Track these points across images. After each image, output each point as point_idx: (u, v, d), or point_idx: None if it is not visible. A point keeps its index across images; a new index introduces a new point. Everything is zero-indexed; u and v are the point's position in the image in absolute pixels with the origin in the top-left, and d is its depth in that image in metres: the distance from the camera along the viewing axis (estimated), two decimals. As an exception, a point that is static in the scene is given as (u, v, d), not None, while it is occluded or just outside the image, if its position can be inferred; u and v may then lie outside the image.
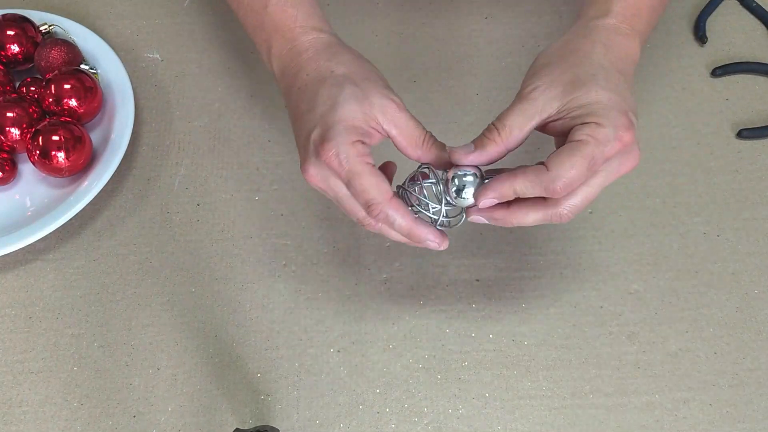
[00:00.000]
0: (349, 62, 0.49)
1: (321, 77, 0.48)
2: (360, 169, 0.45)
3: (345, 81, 0.47)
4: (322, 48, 0.50)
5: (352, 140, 0.45)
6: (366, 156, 0.46)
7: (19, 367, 0.56)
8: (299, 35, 0.51)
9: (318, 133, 0.46)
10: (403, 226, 0.47)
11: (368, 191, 0.45)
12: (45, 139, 0.60)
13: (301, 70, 0.50)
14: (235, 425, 0.53)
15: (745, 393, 0.54)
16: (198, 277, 0.60)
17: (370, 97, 0.46)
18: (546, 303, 0.58)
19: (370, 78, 0.48)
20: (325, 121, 0.46)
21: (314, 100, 0.47)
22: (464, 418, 0.54)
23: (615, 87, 0.45)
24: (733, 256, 0.60)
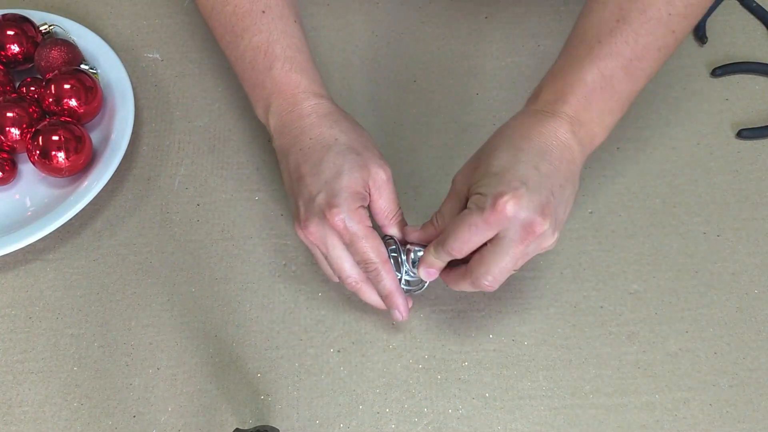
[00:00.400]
0: (350, 131, 0.54)
1: (326, 144, 0.52)
2: (363, 234, 0.51)
3: (348, 150, 0.52)
4: (324, 114, 0.54)
5: (356, 206, 0.50)
6: (367, 220, 0.51)
7: (19, 367, 0.56)
8: (302, 100, 0.55)
9: (324, 198, 0.50)
10: (388, 287, 0.52)
11: (368, 253, 0.51)
12: (45, 139, 0.60)
13: (303, 134, 0.54)
14: (235, 425, 0.53)
15: (745, 393, 0.54)
16: (198, 277, 0.60)
17: (368, 166, 0.52)
18: (546, 303, 0.58)
19: (368, 147, 0.54)
20: (332, 187, 0.50)
21: (319, 166, 0.51)
22: (464, 418, 0.54)
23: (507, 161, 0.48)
24: (733, 256, 0.60)
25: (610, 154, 0.65)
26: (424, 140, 0.66)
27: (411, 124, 0.67)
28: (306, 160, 0.52)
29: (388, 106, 0.68)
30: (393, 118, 0.67)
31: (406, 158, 0.65)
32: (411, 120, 0.67)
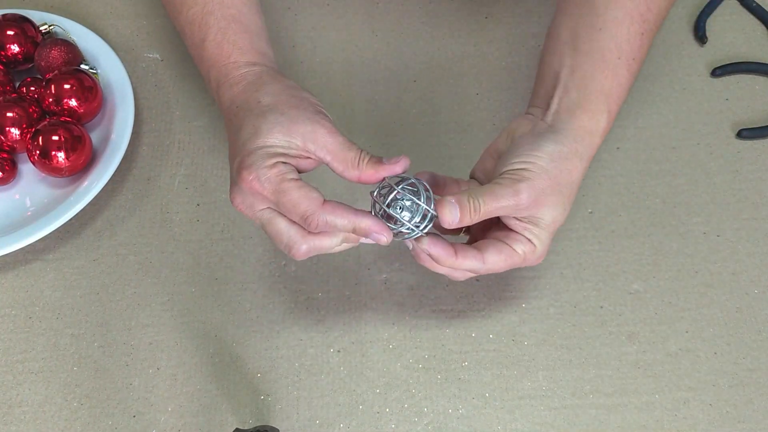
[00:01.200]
0: (278, 92, 0.50)
1: (248, 108, 0.49)
2: (284, 186, 0.45)
3: (269, 111, 0.48)
4: (252, 80, 0.51)
5: (272, 162, 0.46)
6: (287, 173, 0.46)
7: (19, 367, 0.56)
8: (232, 70, 0.52)
9: (239, 161, 0.47)
10: (346, 224, 0.46)
11: (299, 204, 0.45)
12: (45, 139, 0.60)
13: (232, 103, 0.51)
14: (235, 425, 0.53)
15: (745, 393, 0.54)
16: (198, 277, 0.60)
17: (296, 124, 0.47)
18: (546, 303, 0.58)
19: (299, 106, 0.48)
20: (246, 148, 0.47)
21: (239, 131, 0.48)
22: (464, 418, 0.54)
23: (563, 210, 0.49)
24: (733, 256, 0.60)
25: (610, 154, 0.65)
26: (424, 140, 0.66)
27: (411, 124, 0.67)
28: (231, 128, 0.50)
29: (388, 106, 0.68)
30: (393, 118, 0.67)
31: (406, 158, 0.65)
32: (411, 120, 0.67)
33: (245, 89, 0.51)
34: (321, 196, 0.46)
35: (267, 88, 0.50)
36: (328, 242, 0.48)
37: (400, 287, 0.59)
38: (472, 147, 0.65)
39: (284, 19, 0.73)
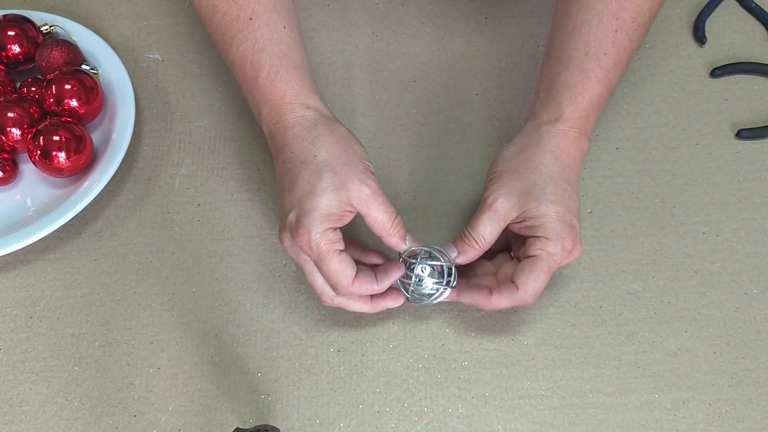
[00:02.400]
0: (332, 146, 0.52)
1: (304, 160, 0.52)
2: (328, 257, 0.50)
3: (325, 169, 0.51)
4: (308, 127, 0.53)
5: (324, 228, 0.50)
6: (335, 243, 0.50)
7: (20, 366, 0.56)
8: (287, 112, 0.54)
9: (294, 216, 0.50)
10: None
11: (334, 276, 0.50)
12: (46, 140, 0.60)
13: (286, 146, 0.53)
14: (236, 424, 0.54)
15: (745, 392, 0.54)
16: (198, 277, 0.60)
17: (347, 185, 0.50)
18: (545, 303, 0.58)
19: (350, 164, 0.52)
20: (302, 206, 0.50)
21: (295, 182, 0.51)
22: (464, 418, 0.54)
23: (561, 198, 0.51)
24: (732, 256, 0.60)
25: (610, 154, 0.65)
26: (424, 140, 0.66)
27: (411, 124, 0.67)
28: (285, 175, 0.52)
29: (388, 106, 0.68)
30: (393, 118, 0.67)
31: (406, 158, 0.65)
32: (411, 120, 0.67)
33: (300, 136, 0.53)
34: (354, 272, 0.51)
35: (322, 141, 0.52)
36: (358, 305, 0.54)
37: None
38: (472, 147, 0.66)
39: (284, 20, 0.73)
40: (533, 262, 0.50)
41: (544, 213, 0.50)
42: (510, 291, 0.51)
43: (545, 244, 0.50)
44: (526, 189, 0.51)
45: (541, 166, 0.52)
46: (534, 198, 0.51)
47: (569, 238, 0.50)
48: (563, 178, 0.52)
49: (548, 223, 0.50)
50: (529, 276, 0.50)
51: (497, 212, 0.51)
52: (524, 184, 0.51)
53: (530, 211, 0.51)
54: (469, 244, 0.52)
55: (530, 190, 0.51)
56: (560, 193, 0.51)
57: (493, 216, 0.51)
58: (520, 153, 0.53)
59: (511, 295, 0.51)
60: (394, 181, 0.64)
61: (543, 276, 0.50)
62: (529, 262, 0.51)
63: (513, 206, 0.51)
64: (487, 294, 0.52)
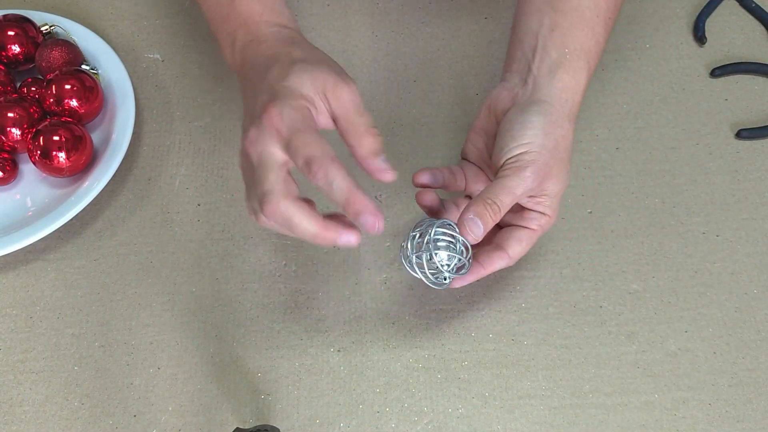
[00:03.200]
0: (310, 50, 0.49)
1: (277, 59, 0.48)
2: (304, 126, 0.44)
3: (299, 60, 0.47)
4: (282, 38, 0.51)
5: (299, 103, 0.45)
6: (311, 118, 0.45)
7: (20, 366, 0.56)
8: (262, 28, 0.51)
9: (265, 98, 0.45)
10: (343, 187, 0.43)
11: (310, 145, 0.43)
12: (46, 139, 0.60)
13: (260, 57, 0.49)
14: (236, 424, 0.54)
15: (745, 392, 0.54)
16: (198, 277, 0.60)
17: (324, 74, 0.46)
18: (545, 302, 0.58)
19: (329, 63, 0.48)
20: (274, 86, 0.46)
21: (266, 73, 0.47)
22: (464, 418, 0.54)
23: (567, 174, 0.52)
24: (732, 256, 0.60)
25: (609, 154, 0.65)
26: (424, 140, 0.66)
27: (411, 124, 0.67)
28: (255, 73, 0.49)
29: (388, 106, 0.68)
30: (393, 118, 0.67)
31: (406, 158, 0.65)
32: (411, 120, 0.67)
33: (276, 45, 0.50)
34: (333, 151, 0.44)
35: (299, 46, 0.50)
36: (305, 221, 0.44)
37: (400, 287, 0.59)
38: (472, 147, 0.66)
39: (284, 20, 0.73)
40: (531, 235, 0.52)
41: (554, 192, 0.51)
42: (501, 258, 0.52)
43: (545, 221, 0.52)
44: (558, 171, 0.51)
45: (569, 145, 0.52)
46: (559, 180, 0.51)
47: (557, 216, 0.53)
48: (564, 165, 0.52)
49: (554, 204, 0.52)
50: (523, 246, 0.52)
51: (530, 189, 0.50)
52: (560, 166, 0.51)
53: (550, 190, 0.51)
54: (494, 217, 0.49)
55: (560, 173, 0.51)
56: (567, 172, 0.52)
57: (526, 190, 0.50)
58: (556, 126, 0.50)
59: (501, 261, 0.52)
60: (394, 182, 0.64)
61: (531, 245, 0.52)
62: (527, 234, 0.52)
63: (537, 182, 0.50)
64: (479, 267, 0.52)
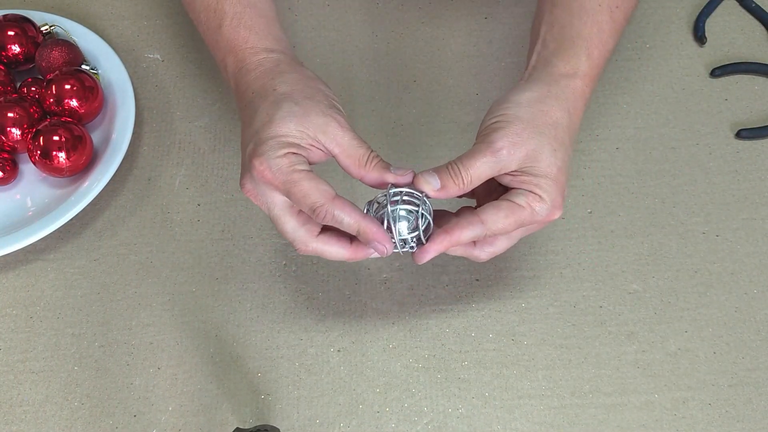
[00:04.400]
0: (294, 81, 0.49)
1: (263, 95, 0.49)
2: (295, 177, 0.45)
3: (284, 99, 0.47)
4: (270, 67, 0.51)
5: (283, 152, 0.46)
6: (298, 165, 0.46)
7: (20, 366, 0.56)
8: (249, 56, 0.52)
9: (251, 148, 0.47)
10: (351, 224, 0.46)
11: (309, 195, 0.45)
12: (46, 139, 0.60)
13: (248, 89, 0.50)
14: (236, 424, 0.54)
15: (744, 392, 0.54)
16: (198, 277, 0.60)
17: (309, 115, 0.47)
18: (545, 302, 0.58)
19: (314, 97, 0.48)
20: (260, 136, 0.46)
21: (253, 117, 0.48)
22: (464, 418, 0.54)
23: (563, 163, 0.48)
24: (732, 256, 0.60)
25: (610, 154, 0.65)
26: (424, 140, 0.66)
27: (411, 124, 0.67)
28: (246, 115, 0.49)
29: (388, 106, 0.68)
30: (393, 118, 0.67)
31: (406, 158, 0.65)
32: (411, 120, 0.67)
33: (262, 76, 0.50)
34: (332, 189, 0.46)
35: (284, 77, 0.49)
36: (335, 250, 0.49)
37: (400, 287, 0.59)
38: (472, 147, 0.66)
39: (285, 20, 0.73)
40: (514, 208, 0.47)
41: (546, 173, 0.47)
42: (471, 223, 0.47)
43: (533, 200, 0.47)
44: (538, 146, 0.47)
45: (558, 126, 0.48)
46: (543, 158, 0.47)
47: (558, 209, 0.48)
48: (570, 143, 0.49)
49: (548, 187, 0.47)
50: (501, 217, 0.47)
51: (500, 161, 0.47)
52: (537, 141, 0.47)
53: (534, 169, 0.47)
54: (455, 181, 0.47)
55: (541, 149, 0.47)
56: (566, 159, 0.49)
57: (493, 162, 0.47)
58: (537, 103, 0.49)
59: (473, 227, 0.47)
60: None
61: (513, 225, 0.47)
62: (509, 206, 0.47)
63: (517, 158, 0.47)
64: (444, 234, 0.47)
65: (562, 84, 0.50)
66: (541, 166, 0.47)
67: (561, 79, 0.50)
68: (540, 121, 0.48)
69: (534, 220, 0.48)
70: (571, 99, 0.50)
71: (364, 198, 0.51)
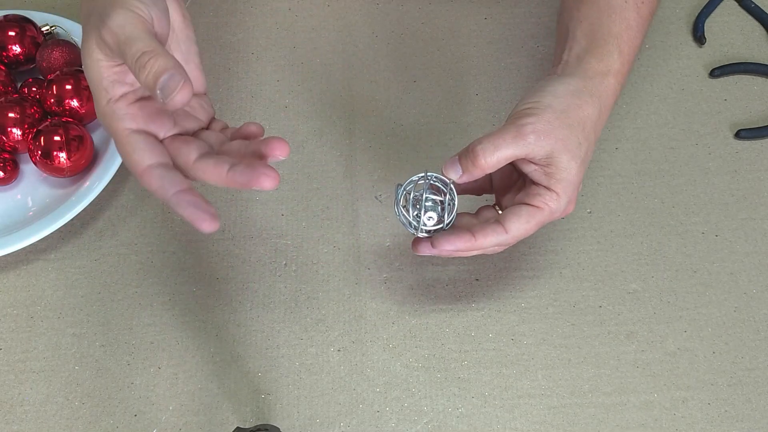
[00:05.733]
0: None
1: None
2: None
3: None
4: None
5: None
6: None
7: (21, 366, 0.56)
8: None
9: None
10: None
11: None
12: (46, 140, 0.60)
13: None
14: (236, 424, 0.54)
15: (744, 392, 0.55)
16: (199, 277, 0.60)
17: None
18: (545, 302, 0.58)
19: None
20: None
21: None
22: (464, 417, 0.54)
23: (583, 161, 0.49)
24: (731, 256, 0.60)
25: (609, 154, 0.65)
26: (424, 140, 0.66)
27: (411, 124, 0.67)
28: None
29: (388, 106, 0.68)
30: (393, 118, 0.67)
31: (406, 158, 0.65)
32: (411, 120, 0.67)
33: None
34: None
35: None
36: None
37: (400, 287, 0.59)
38: (472, 147, 0.66)
39: (285, 20, 0.74)
40: (533, 212, 0.48)
41: (566, 168, 0.47)
42: (496, 232, 0.48)
43: (551, 199, 0.48)
44: (566, 137, 0.47)
45: (588, 121, 0.49)
46: (569, 150, 0.47)
47: (572, 203, 0.49)
48: (595, 138, 0.50)
49: (566, 181, 0.48)
50: (522, 222, 0.48)
51: (527, 145, 0.47)
52: (567, 132, 0.47)
53: (556, 161, 0.47)
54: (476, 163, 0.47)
55: (569, 140, 0.47)
56: (588, 155, 0.49)
57: (520, 145, 0.47)
58: (573, 95, 0.49)
59: (497, 235, 0.48)
60: (394, 182, 0.64)
61: (534, 227, 0.49)
62: (528, 211, 0.48)
63: (544, 146, 0.47)
64: (469, 236, 0.48)
65: (597, 81, 0.50)
66: (563, 161, 0.47)
67: (596, 77, 0.51)
68: (572, 113, 0.48)
69: (551, 219, 0.49)
70: (604, 96, 0.50)
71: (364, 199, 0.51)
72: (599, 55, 0.51)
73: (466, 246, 0.48)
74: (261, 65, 0.71)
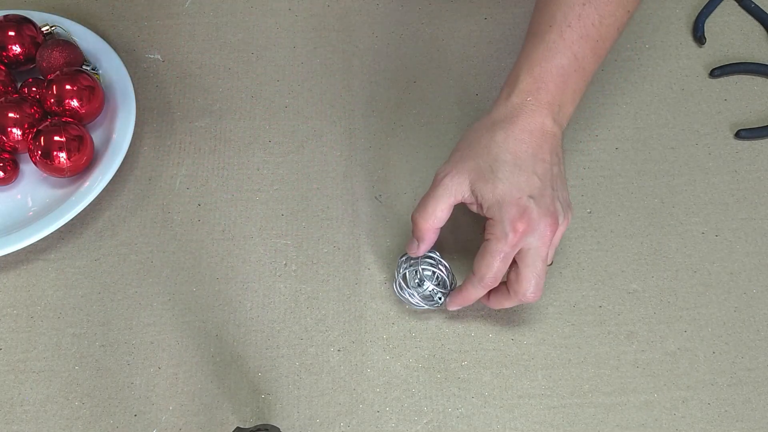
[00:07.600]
0: None
1: None
2: None
3: None
4: None
5: None
6: None
7: (21, 366, 0.56)
8: None
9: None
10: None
11: None
12: (46, 140, 0.60)
13: None
14: (236, 424, 0.54)
15: (744, 392, 0.55)
16: (199, 277, 0.60)
17: None
18: (545, 302, 0.58)
19: None
20: None
21: None
22: (464, 417, 0.54)
23: (511, 176, 0.49)
24: (731, 256, 0.60)
25: (609, 155, 0.65)
26: (424, 140, 0.66)
27: (411, 124, 0.67)
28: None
29: (388, 106, 0.68)
30: (393, 118, 0.67)
31: (405, 158, 0.65)
32: (411, 120, 0.67)
33: None
34: None
35: None
36: None
37: (400, 287, 0.59)
38: (472, 147, 0.66)
39: (285, 21, 0.74)
40: (484, 245, 0.50)
41: (491, 193, 0.49)
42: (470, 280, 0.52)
43: (492, 227, 0.49)
44: (475, 168, 0.50)
45: (492, 144, 0.50)
46: (482, 178, 0.50)
47: (519, 219, 0.48)
48: (514, 155, 0.50)
49: (494, 205, 0.49)
50: (482, 262, 0.50)
51: (445, 187, 0.51)
52: (475, 162, 0.50)
53: (479, 191, 0.50)
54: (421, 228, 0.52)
55: (480, 169, 0.50)
56: (509, 170, 0.49)
57: (440, 191, 0.51)
58: (476, 131, 0.52)
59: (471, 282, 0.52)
60: (394, 182, 0.64)
61: (493, 260, 0.49)
62: (483, 246, 0.50)
63: (461, 183, 0.50)
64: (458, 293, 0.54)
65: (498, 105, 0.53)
66: (484, 188, 0.50)
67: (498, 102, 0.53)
68: (476, 145, 0.51)
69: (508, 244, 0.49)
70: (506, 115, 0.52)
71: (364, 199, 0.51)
72: (509, 81, 0.54)
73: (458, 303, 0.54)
74: (261, 65, 0.71)
